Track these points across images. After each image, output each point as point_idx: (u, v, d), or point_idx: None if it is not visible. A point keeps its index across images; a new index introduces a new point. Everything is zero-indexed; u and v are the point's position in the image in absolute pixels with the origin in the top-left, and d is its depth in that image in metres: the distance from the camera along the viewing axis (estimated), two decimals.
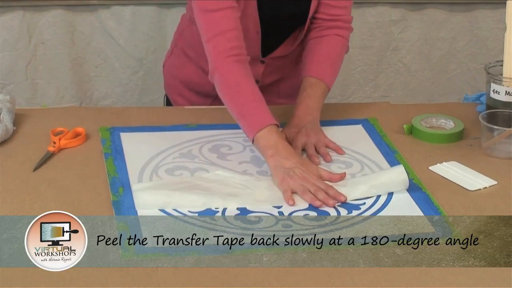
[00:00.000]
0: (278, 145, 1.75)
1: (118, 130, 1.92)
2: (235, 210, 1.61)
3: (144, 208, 1.60)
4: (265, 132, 1.76)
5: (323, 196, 1.66)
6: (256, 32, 1.97)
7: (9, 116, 1.90)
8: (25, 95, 2.88)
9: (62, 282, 1.39)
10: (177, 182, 1.71)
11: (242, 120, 1.81)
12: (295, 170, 1.71)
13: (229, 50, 1.83)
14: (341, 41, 2.03)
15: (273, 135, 1.76)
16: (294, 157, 1.74)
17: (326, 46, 2.01)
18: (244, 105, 1.81)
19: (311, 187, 1.68)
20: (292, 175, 1.70)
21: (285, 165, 1.72)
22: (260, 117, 1.78)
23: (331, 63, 2.00)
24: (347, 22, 2.05)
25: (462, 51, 3.05)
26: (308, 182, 1.69)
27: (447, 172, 1.77)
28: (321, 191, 1.67)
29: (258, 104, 1.80)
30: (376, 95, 3.08)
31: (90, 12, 2.84)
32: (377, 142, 1.91)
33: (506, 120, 1.88)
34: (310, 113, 1.91)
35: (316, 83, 1.95)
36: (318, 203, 1.64)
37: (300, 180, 1.69)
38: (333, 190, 1.68)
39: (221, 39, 1.83)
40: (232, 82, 1.83)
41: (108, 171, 1.74)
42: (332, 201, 1.65)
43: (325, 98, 1.98)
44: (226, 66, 1.83)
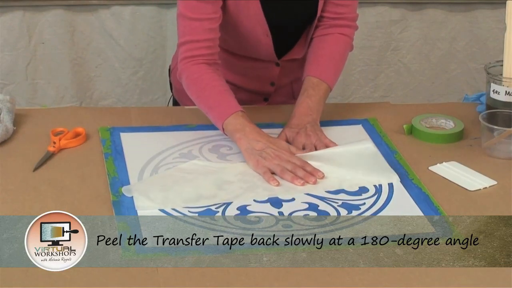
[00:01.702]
0: (245, 128, 1.78)
1: (118, 130, 1.92)
2: (235, 210, 1.61)
3: (144, 209, 1.60)
4: (232, 118, 1.80)
5: (302, 173, 1.69)
6: (266, 35, 1.97)
7: (9, 116, 1.90)
8: (25, 95, 2.88)
9: (62, 282, 1.39)
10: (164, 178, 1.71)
11: (211, 112, 1.85)
12: (267, 150, 1.73)
13: (198, 57, 1.88)
14: (345, 40, 2.03)
15: (239, 119, 1.80)
16: (263, 137, 1.77)
17: (329, 45, 2.01)
18: (210, 98, 1.85)
19: (287, 165, 1.70)
20: (266, 156, 1.72)
21: (256, 147, 1.75)
22: (226, 106, 1.82)
23: (334, 63, 2.01)
24: (351, 20, 2.04)
25: (462, 51, 3.05)
26: (283, 160, 1.71)
27: (447, 172, 1.77)
28: (299, 168, 1.70)
29: (224, 95, 1.85)
30: (376, 95, 3.08)
31: (90, 12, 2.84)
32: (377, 142, 1.91)
33: (506, 120, 1.88)
34: (309, 113, 1.91)
35: (317, 83, 1.96)
36: (301, 182, 1.67)
37: (275, 160, 1.71)
38: (310, 166, 1.71)
39: (192, 47, 1.88)
40: (197, 78, 1.87)
41: (108, 171, 1.74)
42: (313, 178, 1.68)
43: (326, 99, 1.98)
44: (192, 67, 1.88)
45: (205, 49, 1.89)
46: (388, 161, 1.82)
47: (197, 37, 1.88)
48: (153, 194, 1.64)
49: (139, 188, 1.66)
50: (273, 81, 2.08)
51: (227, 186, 1.69)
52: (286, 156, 1.73)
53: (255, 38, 1.96)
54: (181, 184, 1.69)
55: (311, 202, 1.65)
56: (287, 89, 2.14)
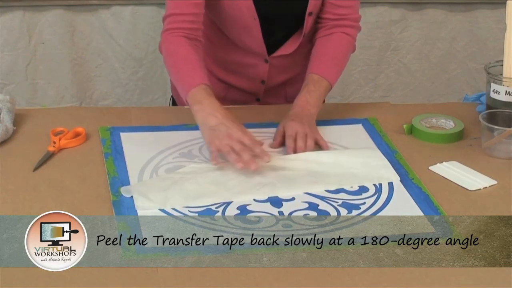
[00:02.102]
0: (204, 100, 1.80)
1: (118, 130, 1.92)
2: (235, 210, 1.61)
3: (144, 209, 1.60)
4: (194, 91, 1.82)
5: (247, 157, 1.70)
6: (253, 18, 1.97)
7: (9, 116, 1.90)
8: (25, 95, 2.88)
9: (62, 282, 1.39)
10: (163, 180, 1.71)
11: (179, 84, 1.87)
12: (220, 127, 1.75)
13: (180, 29, 1.91)
14: (347, 40, 2.04)
15: (200, 92, 1.81)
16: (219, 111, 1.78)
17: (332, 44, 2.02)
18: (180, 70, 1.88)
19: (236, 145, 1.72)
20: (218, 134, 1.73)
21: (210, 123, 1.76)
22: (191, 79, 1.84)
23: (336, 61, 2.01)
24: (354, 20, 2.05)
25: (462, 51, 3.05)
26: (233, 140, 1.72)
27: (447, 172, 1.77)
28: (246, 151, 1.71)
29: (193, 67, 1.86)
30: (376, 95, 3.08)
31: (90, 12, 2.84)
32: (377, 142, 1.91)
33: (506, 120, 1.88)
34: (308, 108, 1.92)
35: (318, 80, 1.96)
36: (240, 165, 1.69)
37: (226, 139, 1.72)
38: (259, 148, 1.72)
39: (175, 19, 1.92)
40: (173, 50, 1.90)
41: (108, 171, 1.74)
42: (255, 164, 1.69)
43: (326, 95, 1.99)
44: (172, 39, 1.91)
45: (188, 23, 1.91)
46: (388, 160, 1.82)
47: (181, 11, 1.91)
48: (152, 194, 1.64)
49: (138, 189, 1.66)
50: (264, 79, 2.08)
51: (227, 184, 1.69)
52: (237, 134, 1.73)
53: (243, 23, 1.97)
54: (180, 184, 1.69)
55: (311, 202, 1.65)
56: (279, 91, 2.14)
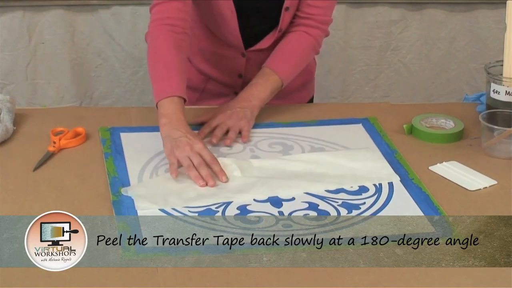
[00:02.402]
0: (172, 116, 1.79)
1: (118, 130, 1.92)
2: (235, 210, 1.61)
3: (144, 209, 1.60)
4: (167, 101, 1.80)
5: (205, 173, 1.69)
6: (230, 11, 1.98)
7: (9, 116, 1.90)
8: (25, 95, 2.88)
9: (62, 282, 1.39)
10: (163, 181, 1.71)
11: (154, 86, 1.85)
12: (182, 138, 1.74)
13: (167, 19, 1.89)
14: (307, 40, 2.04)
15: (172, 105, 1.80)
16: (184, 127, 1.77)
17: (290, 40, 2.03)
18: (158, 71, 1.85)
19: (195, 158, 1.71)
20: (179, 144, 1.73)
21: (174, 135, 1.76)
22: (167, 86, 1.82)
23: (289, 58, 2.02)
24: (320, 22, 2.05)
25: (462, 51, 3.05)
26: (193, 152, 1.72)
27: (447, 172, 1.77)
28: (204, 166, 1.70)
29: (171, 73, 1.84)
30: (376, 95, 3.08)
31: (90, 12, 2.84)
32: (377, 141, 1.91)
33: (506, 120, 1.88)
34: (249, 99, 1.94)
35: (269, 73, 1.99)
36: (202, 183, 1.68)
37: (186, 149, 1.72)
38: (217, 166, 1.71)
39: (162, 8, 1.91)
40: (157, 47, 1.88)
41: (108, 171, 1.74)
42: (213, 181, 1.68)
43: (275, 90, 2.00)
44: (158, 32, 1.89)
45: (175, 11, 1.90)
46: (388, 160, 1.82)
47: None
48: (152, 194, 1.64)
49: (138, 190, 1.66)
50: (241, 73, 2.09)
51: (227, 185, 1.69)
52: (197, 147, 1.73)
53: (221, 15, 1.98)
54: (180, 184, 1.69)
55: (311, 202, 1.65)
56: None
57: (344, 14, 2.94)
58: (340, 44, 2.99)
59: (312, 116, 2.02)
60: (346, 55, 3.02)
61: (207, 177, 1.69)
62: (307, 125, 1.98)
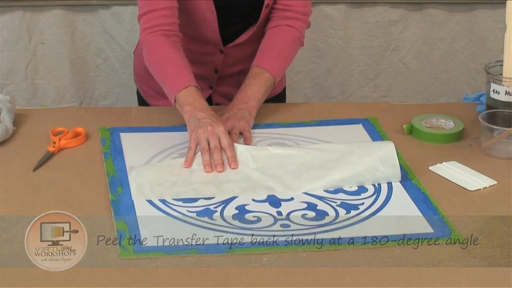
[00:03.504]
0: (195, 102, 1.83)
1: (118, 130, 1.92)
2: (234, 209, 1.61)
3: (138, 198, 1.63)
4: (185, 92, 1.84)
5: (217, 158, 1.74)
6: (211, 12, 1.98)
7: (9, 116, 1.90)
8: (25, 95, 2.88)
9: (62, 282, 1.39)
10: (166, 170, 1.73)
11: (165, 84, 1.89)
12: (205, 120, 1.78)
13: (157, 26, 1.92)
14: (292, 33, 2.04)
15: (191, 93, 1.84)
16: (208, 110, 1.82)
17: (275, 36, 2.03)
18: (166, 70, 1.89)
19: (212, 142, 1.75)
20: (201, 125, 1.77)
21: (198, 116, 1.80)
22: (180, 79, 1.86)
23: (277, 53, 2.02)
24: (301, 13, 2.05)
25: (462, 51, 3.05)
26: (213, 134, 1.76)
27: (447, 172, 1.77)
28: (218, 151, 1.74)
29: (179, 68, 1.89)
30: (376, 95, 3.08)
31: (90, 12, 2.84)
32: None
33: (506, 120, 1.88)
34: (246, 101, 1.95)
35: (260, 72, 1.98)
36: (208, 170, 1.73)
37: (207, 131, 1.76)
38: (232, 152, 1.75)
39: (151, 16, 1.93)
40: (156, 51, 1.92)
41: (107, 171, 1.74)
42: (221, 168, 1.73)
43: (269, 88, 2.00)
44: (152, 39, 1.93)
45: (164, 18, 1.92)
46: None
47: (155, 7, 1.92)
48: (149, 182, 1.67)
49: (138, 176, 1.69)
50: (217, 68, 2.09)
51: (226, 185, 1.70)
52: (218, 130, 1.77)
53: (200, 15, 1.98)
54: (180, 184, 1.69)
55: (309, 202, 1.65)
56: (233, 80, 2.13)
57: (344, 14, 2.94)
58: (340, 44, 2.99)
59: (312, 116, 2.02)
60: (346, 55, 3.01)
61: (218, 163, 1.74)
62: (307, 125, 1.98)
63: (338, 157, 1.74)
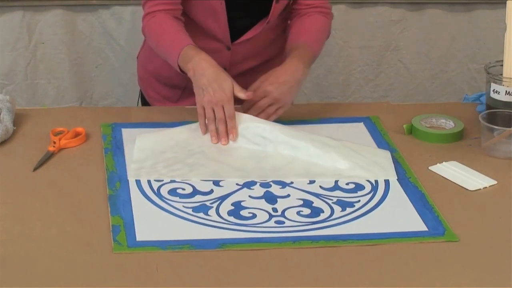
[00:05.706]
0: (194, 57, 1.85)
1: (120, 126, 1.93)
2: (230, 205, 1.62)
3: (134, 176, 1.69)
4: (183, 54, 1.86)
5: (222, 129, 1.81)
6: (222, 13, 1.98)
7: (9, 116, 1.90)
8: (25, 95, 2.88)
9: (62, 282, 1.39)
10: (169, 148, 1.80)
11: (167, 54, 1.92)
12: (209, 89, 1.81)
13: (160, 11, 1.95)
14: (323, 20, 2.06)
15: (189, 51, 1.86)
16: (208, 69, 1.83)
17: (309, 21, 2.04)
18: (164, 39, 1.92)
19: (218, 113, 1.80)
20: (206, 95, 1.81)
21: (200, 83, 1.83)
22: (178, 42, 1.89)
23: (315, 30, 2.02)
24: (326, 8, 2.08)
25: (462, 51, 3.05)
26: (218, 105, 1.80)
27: (447, 172, 1.77)
28: (223, 123, 1.81)
29: (176, 34, 1.91)
30: (376, 95, 3.08)
31: (90, 12, 2.84)
32: (377, 140, 1.91)
33: (506, 120, 1.88)
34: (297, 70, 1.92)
35: (303, 45, 1.97)
36: (214, 141, 1.82)
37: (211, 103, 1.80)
38: (232, 122, 1.81)
39: (154, 2, 1.96)
40: (157, 27, 1.95)
41: (106, 166, 1.74)
42: (225, 141, 1.81)
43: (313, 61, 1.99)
44: (154, 19, 1.95)
45: (168, 5, 1.95)
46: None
47: None
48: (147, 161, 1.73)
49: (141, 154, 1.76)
50: (226, 67, 2.08)
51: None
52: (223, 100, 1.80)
53: (210, 6, 1.98)
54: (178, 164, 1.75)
55: (305, 199, 1.66)
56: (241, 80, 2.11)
57: (344, 14, 2.94)
58: (340, 44, 2.99)
59: (312, 116, 2.02)
60: (346, 55, 3.01)
61: (222, 134, 1.81)
62: (308, 123, 1.98)
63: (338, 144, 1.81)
